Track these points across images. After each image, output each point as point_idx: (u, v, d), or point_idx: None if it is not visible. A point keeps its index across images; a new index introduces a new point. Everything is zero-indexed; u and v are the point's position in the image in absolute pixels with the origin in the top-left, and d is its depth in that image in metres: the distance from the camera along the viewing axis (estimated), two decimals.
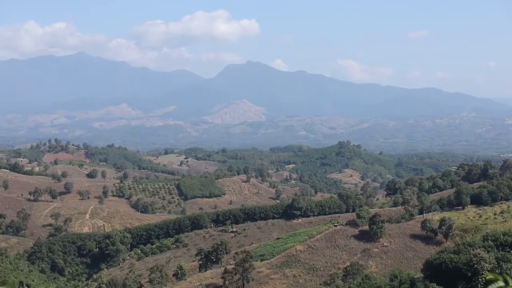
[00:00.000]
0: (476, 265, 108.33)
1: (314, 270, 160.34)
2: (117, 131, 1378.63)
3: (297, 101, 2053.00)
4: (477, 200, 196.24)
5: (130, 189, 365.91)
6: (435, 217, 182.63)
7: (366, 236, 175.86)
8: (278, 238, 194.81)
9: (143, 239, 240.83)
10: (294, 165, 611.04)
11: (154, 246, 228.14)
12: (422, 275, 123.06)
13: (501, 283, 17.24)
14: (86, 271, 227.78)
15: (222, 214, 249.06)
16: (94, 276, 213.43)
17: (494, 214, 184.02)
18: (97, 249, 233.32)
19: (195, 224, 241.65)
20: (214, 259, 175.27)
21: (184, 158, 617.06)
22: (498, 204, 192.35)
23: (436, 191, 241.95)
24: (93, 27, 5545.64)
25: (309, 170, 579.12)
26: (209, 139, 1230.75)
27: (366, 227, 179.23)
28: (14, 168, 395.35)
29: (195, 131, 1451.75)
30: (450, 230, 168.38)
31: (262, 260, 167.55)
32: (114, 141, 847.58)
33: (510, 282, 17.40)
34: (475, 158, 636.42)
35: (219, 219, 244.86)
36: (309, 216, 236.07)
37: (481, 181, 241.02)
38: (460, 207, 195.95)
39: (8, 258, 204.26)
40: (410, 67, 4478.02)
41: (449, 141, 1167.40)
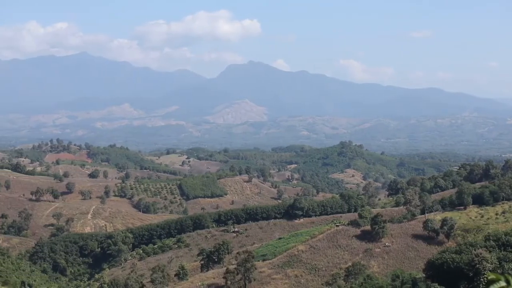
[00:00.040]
0: (478, 265, 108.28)
1: (316, 270, 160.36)
2: (119, 131, 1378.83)
3: (299, 101, 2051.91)
4: (479, 200, 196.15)
5: (132, 189, 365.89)
6: (437, 217, 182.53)
7: (368, 236, 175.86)
8: (280, 238, 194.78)
9: (145, 239, 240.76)
10: (296, 165, 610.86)
11: (156, 246, 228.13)
12: (424, 275, 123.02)
13: (502, 283, 17.21)
14: (88, 271, 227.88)
15: (224, 214, 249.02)
16: (96, 276, 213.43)
17: (496, 214, 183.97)
18: (99, 249, 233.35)
19: (197, 224, 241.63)
20: (216, 259, 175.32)
21: (186, 158, 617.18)
22: (500, 204, 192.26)
23: (438, 191, 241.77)
24: (95, 27, 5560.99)
25: (311, 170, 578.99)
26: (211, 139, 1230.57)
27: (368, 227, 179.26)
28: (16, 168, 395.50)
29: (197, 131, 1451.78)
30: (452, 230, 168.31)
31: (264, 260, 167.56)
32: (116, 141, 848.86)
33: None
34: (477, 158, 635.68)
35: (221, 219, 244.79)
36: (311, 216, 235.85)
37: (483, 181, 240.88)
38: (462, 207, 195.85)
39: (10, 258, 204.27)
40: (412, 67, 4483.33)
41: (451, 141, 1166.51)
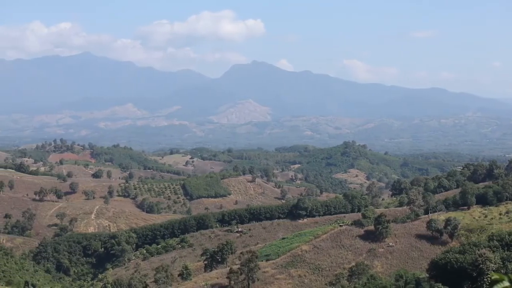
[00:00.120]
0: (481, 265, 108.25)
1: (319, 270, 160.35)
2: (122, 131, 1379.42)
3: (302, 101, 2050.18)
4: (482, 200, 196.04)
5: (136, 189, 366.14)
6: (441, 217, 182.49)
7: (372, 236, 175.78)
8: (283, 238, 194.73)
9: (149, 239, 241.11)
10: (299, 165, 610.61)
11: (159, 246, 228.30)
12: (428, 275, 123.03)
13: (506, 283, 17.21)
14: (91, 271, 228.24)
15: (228, 214, 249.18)
16: (100, 276, 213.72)
17: (500, 214, 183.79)
18: (102, 249, 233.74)
19: (201, 224, 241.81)
20: (220, 259, 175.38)
21: (189, 158, 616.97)
22: (503, 204, 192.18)
23: (441, 191, 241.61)
24: (98, 27, 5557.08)
25: (314, 170, 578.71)
26: (214, 139, 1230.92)
27: (372, 227, 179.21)
28: (20, 168, 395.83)
29: (201, 131, 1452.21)
30: (456, 230, 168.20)
31: (267, 260, 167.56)
32: (119, 141, 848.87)
33: None
34: (481, 158, 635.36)
35: (225, 219, 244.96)
36: (314, 216, 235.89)
37: (486, 181, 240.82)
38: (465, 207, 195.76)
39: (13, 258, 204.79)
40: (416, 67, 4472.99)
41: (454, 141, 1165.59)
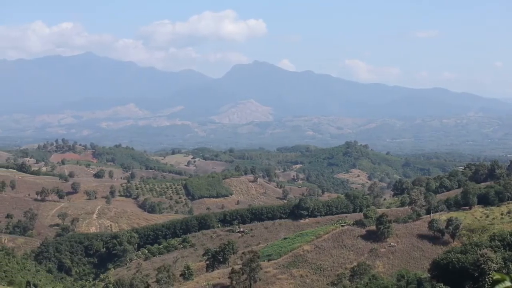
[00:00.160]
0: (483, 265, 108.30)
1: (321, 270, 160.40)
2: (124, 131, 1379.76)
3: (304, 101, 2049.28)
4: (484, 200, 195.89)
5: (137, 189, 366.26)
6: (442, 217, 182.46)
7: (373, 236, 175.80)
8: (285, 238, 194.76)
9: (150, 239, 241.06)
10: (301, 165, 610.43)
11: (161, 246, 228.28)
12: (429, 275, 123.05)
13: (508, 283, 17.24)
14: (93, 271, 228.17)
15: (229, 214, 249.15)
16: (101, 276, 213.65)
17: (501, 214, 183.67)
18: (104, 249, 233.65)
19: (202, 224, 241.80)
20: (221, 259, 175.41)
21: (191, 158, 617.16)
22: (505, 204, 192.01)
23: (443, 191, 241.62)
24: (100, 27, 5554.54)
25: (316, 170, 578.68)
26: (216, 139, 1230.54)
27: (373, 227, 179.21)
28: (21, 168, 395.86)
29: (202, 131, 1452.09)
30: (457, 230, 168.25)
31: (269, 260, 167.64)
32: (121, 141, 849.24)
33: None
34: (482, 158, 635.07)
35: (226, 219, 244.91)
36: (316, 216, 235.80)
37: (488, 181, 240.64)
38: (467, 207, 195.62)
39: (15, 258, 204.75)
40: (417, 67, 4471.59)
41: (456, 141, 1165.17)
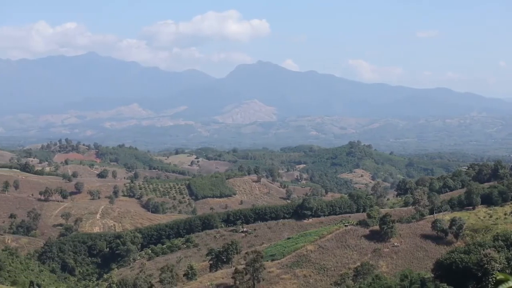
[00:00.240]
0: (486, 265, 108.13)
1: (324, 270, 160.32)
2: (127, 131, 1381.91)
3: (307, 101, 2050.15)
4: (487, 200, 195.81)
5: (141, 189, 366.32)
6: (446, 217, 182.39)
7: (377, 236, 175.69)
8: (288, 238, 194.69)
9: (154, 239, 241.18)
10: (304, 165, 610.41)
11: (164, 246, 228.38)
12: (433, 275, 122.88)
13: (511, 283, 17.23)
14: (96, 271, 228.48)
15: (233, 214, 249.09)
16: (105, 276, 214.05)
17: (505, 214, 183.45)
18: (107, 249, 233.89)
19: (206, 224, 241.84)
20: (225, 259, 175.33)
21: (194, 158, 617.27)
22: (508, 204, 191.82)
23: (446, 191, 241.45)
24: (103, 27, 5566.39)
25: (319, 170, 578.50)
26: (220, 139, 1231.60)
27: (377, 227, 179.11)
28: (25, 168, 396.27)
29: (206, 131, 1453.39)
30: (461, 230, 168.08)
31: (272, 260, 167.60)
32: (124, 141, 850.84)
33: None
34: (486, 158, 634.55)
35: (230, 219, 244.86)
36: (319, 216, 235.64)
37: (491, 181, 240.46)
38: (470, 207, 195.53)
39: (18, 258, 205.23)
40: (421, 67, 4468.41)
41: (459, 141, 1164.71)
